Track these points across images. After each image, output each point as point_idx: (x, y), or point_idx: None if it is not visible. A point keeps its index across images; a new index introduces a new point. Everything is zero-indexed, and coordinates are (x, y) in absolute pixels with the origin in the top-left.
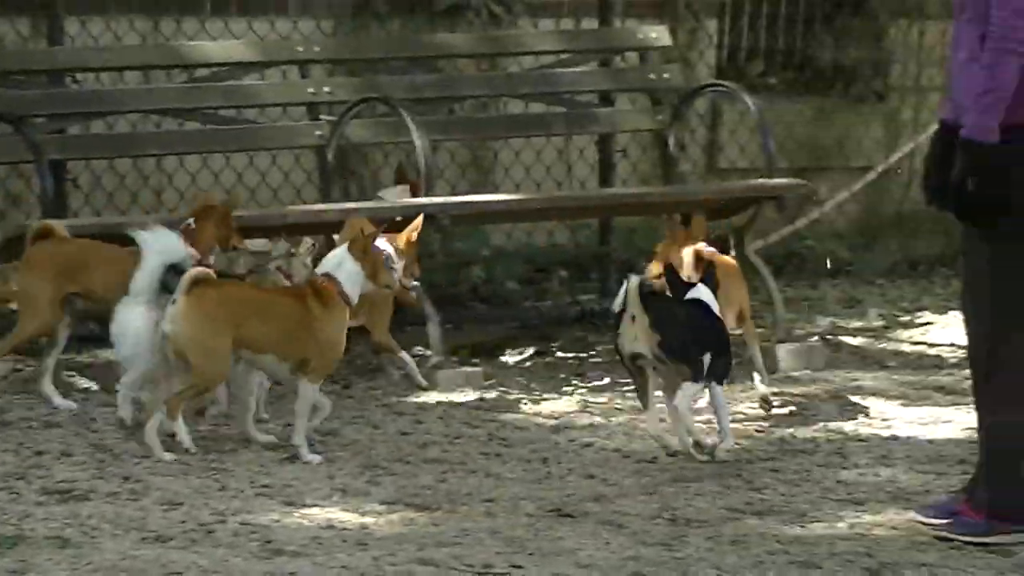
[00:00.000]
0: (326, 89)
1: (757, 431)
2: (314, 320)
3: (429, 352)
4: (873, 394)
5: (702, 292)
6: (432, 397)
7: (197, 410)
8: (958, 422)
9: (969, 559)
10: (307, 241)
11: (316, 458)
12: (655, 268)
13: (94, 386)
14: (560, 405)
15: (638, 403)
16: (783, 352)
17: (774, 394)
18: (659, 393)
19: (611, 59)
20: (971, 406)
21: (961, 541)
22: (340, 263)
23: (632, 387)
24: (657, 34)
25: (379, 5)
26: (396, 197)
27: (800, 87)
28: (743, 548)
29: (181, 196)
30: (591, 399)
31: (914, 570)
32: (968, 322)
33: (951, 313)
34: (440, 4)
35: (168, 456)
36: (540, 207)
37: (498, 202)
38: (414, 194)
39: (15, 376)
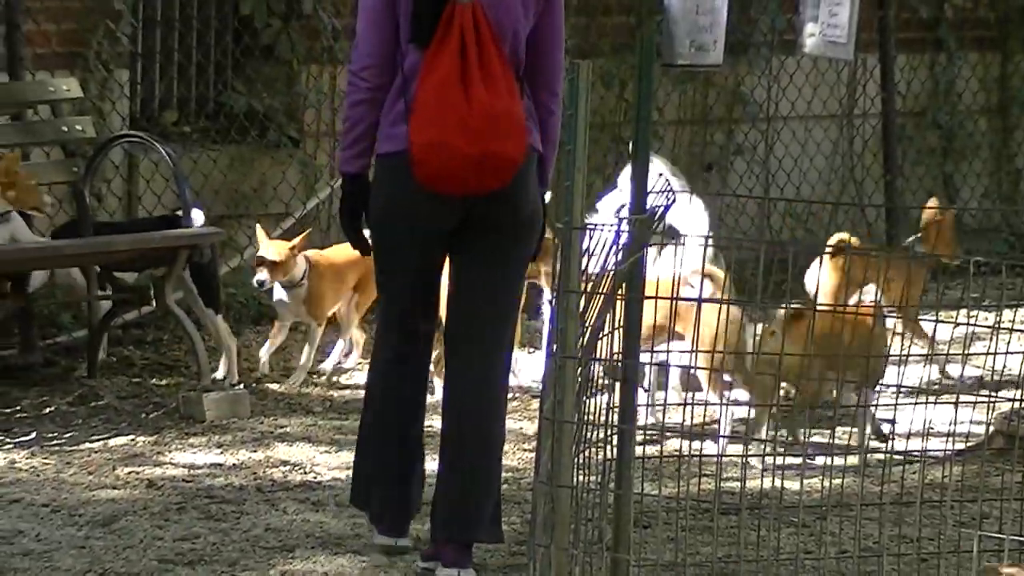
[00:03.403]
0: None
1: (186, 480)
2: None
3: None
4: (300, 440)
5: None
6: None
7: None
8: None
9: None
10: None
11: None
12: None
13: None
14: None
15: (65, 458)
16: (209, 401)
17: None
18: None
19: (23, 113)
20: None
21: None
22: None
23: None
24: (68, 86)
25: None
26: None
27: (215, 135)
28: None
29: None
30: (17, 455)
31: None
32: None
33: None
34: None
35: None
36: None
37: None
38: None
39: None
